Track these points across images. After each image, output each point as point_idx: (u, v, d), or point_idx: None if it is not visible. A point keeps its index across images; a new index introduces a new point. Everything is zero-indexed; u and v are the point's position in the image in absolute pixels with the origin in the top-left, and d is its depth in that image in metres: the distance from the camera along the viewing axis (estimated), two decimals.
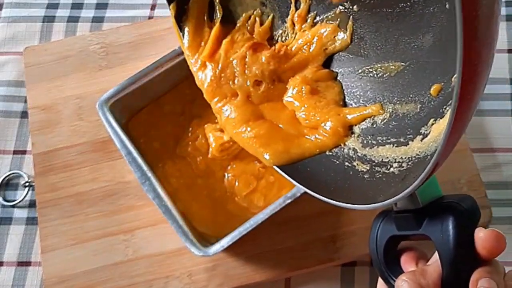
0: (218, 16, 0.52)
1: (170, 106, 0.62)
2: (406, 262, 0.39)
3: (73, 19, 0.73)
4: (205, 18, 0.52)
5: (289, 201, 0.53)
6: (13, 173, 0.65)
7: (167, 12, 0.72)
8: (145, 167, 0.55)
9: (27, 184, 0.64)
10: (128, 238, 0.60)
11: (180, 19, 0.52)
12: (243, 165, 0.60)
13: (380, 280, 0.40)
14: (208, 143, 0.60)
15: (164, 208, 0.53)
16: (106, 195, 0.62)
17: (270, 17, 0.51)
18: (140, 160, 0.55)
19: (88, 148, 0.64)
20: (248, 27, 0.52)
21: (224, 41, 0.51)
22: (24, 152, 0.66)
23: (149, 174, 0.55)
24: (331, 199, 0.40)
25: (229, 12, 0.52)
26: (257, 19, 0.52)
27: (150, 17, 0.73)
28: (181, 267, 0.59)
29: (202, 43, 0.53)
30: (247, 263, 0.59)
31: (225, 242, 0.52)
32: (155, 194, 0.54)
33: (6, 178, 0.65)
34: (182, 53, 0.59)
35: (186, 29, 0.53)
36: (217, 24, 0.52)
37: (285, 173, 0.45)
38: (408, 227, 0.38)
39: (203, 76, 0.51)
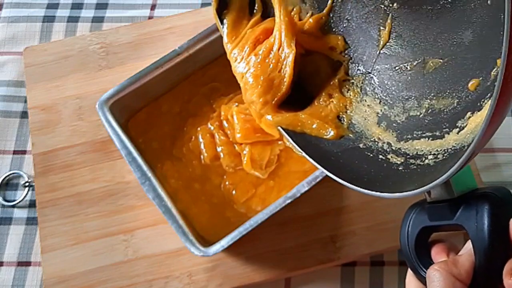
0: (257, 10, 0.52)
1: (168, 106, 0.62)
2: (437, 254, 0.39)
3: (73, 19, 0.73)
4: (246, 12, 0.52)
5: (289, 201, 0.53)
6: (13, 173, 0.65)
7: (167, 12, 0.73)
8: (145, 167, 0.55)
9: (27, 184, 0.64)
10: (128, 238, 0.60)
11: (221, 12, 0.52)
12: (241, 173, 0.60)
13: (409, 272, 0.40)
14: (201, 145, 0.61)
15: (164, 208, 0.53)
16: (106, 195, 0.62)
17: (308, 14, 0.51)
18: (140, 160, 0.55)
19: (88, 148, 0.64)
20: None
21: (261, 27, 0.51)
22: (24, 152, 0.66)
23: (149, 174, 0.55)
24: (365, 188, 0.40)
25: (269, 8, 0.52)
26: (296, 16, 0.52)
27: (150, 17, 0.73)
28: (181, 267, 0.59)
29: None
30: (247, 263, 0.59)
31: (225, 242, 0.52)
32: (155, 194, 0.54)
33: (6, 178, 0.65)
34: (182, 53, 0.59)
35: (226, 20, 0.52)
36: (257, 15, 0.51)
37: (319, 163, 0.45)
38: (441, 217, 0.38)
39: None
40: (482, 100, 0.38)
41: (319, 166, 0.44)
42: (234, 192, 0.59)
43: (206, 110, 0.62)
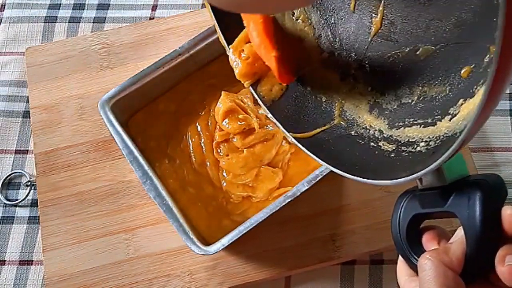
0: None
1: (165, 105, 0.62)
2: (428, 241, 0.39)
3: (74, 20, 0.73)
4: None
5: (289, 200, 0.53)
6: (15, 173, 0.65)
7: (168, 13, 0.73)
8: (146, 167, 0.55)
9: (29, 183, 0.64)
10: (129, 237, 0.61)
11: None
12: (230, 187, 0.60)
13: (400, 259, 0.40)
14: (190, 147, 0.61)
15: (165, 207, 0.54)
16: (107, 194, 0.62)
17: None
18: (141, 159, 0.55)
19: (89, 147, 0.64)
20: None
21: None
22: (26, 151, 0.67)
23: (150, 173, 0.55)
24: (356, 176, 0.40)
25: None
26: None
27: (151, 18, 0.73)
28: (182, 266, 0.59)
29: None
30: (248, 261, 0.59)
31: (226, 240, 0.52)
32: (156, 193, 0.54)
33: (8, 178, 0.65)
34: (183, 53, 0.60)
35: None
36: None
37: (310, 151, 0.45)
38: (433, 205, 0.38)
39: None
40: (475, 87, 0.38)
41: (310, 154, 0.44)
42: (226, 204, 0.59)
43: (197, 108, 0.62)
